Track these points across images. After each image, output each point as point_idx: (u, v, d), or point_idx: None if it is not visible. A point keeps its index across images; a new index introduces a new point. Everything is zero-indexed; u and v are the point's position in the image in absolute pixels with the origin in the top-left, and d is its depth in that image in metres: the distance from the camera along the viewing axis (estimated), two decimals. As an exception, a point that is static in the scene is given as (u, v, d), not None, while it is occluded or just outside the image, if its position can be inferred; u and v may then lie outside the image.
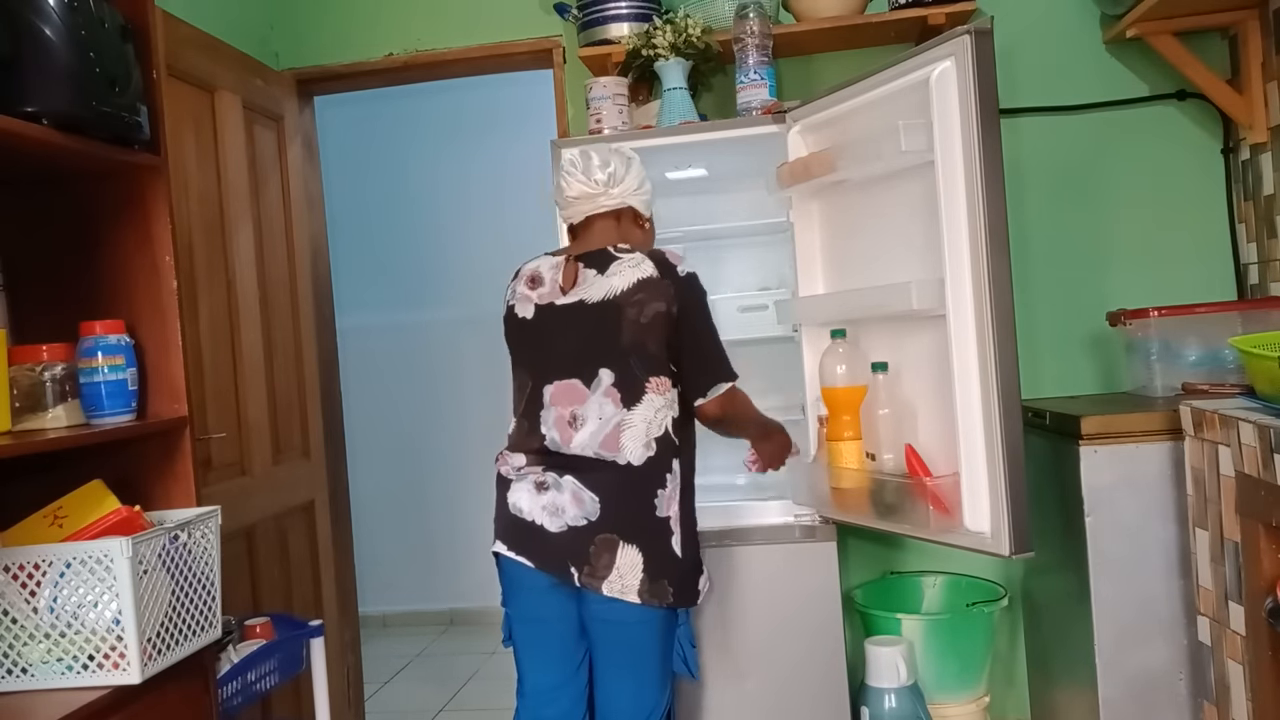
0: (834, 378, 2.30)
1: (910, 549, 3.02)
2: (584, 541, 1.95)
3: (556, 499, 1.98)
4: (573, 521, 1.96)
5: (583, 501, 1.96)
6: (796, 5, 2.86)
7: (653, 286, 1.98)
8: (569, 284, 2.04)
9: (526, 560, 1.99)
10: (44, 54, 1.66)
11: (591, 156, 2.08)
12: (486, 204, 4.91)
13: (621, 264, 2.01)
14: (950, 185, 2.03)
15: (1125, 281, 2.93)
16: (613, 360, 1.98)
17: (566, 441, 1.99)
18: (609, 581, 1.93)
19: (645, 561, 1.95)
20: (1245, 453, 1.86)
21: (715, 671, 2.52)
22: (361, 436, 4.55)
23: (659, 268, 2.00)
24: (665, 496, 1.99)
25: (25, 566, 1.66)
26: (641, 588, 1.94)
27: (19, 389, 1.78)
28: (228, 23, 3.06)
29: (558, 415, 2.01)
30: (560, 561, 1.96)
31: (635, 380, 1.98)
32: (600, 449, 1.97)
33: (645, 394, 1.98)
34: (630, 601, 1.94)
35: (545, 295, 2.06)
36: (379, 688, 4.11)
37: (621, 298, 1.98)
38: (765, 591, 2.51)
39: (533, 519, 1.99)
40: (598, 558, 1.94)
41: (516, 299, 2.10)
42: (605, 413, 1.97)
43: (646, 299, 1.97)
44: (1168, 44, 2.77)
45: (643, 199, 2.13)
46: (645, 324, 1.97)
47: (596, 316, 1.99)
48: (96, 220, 1.98)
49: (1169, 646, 2.33)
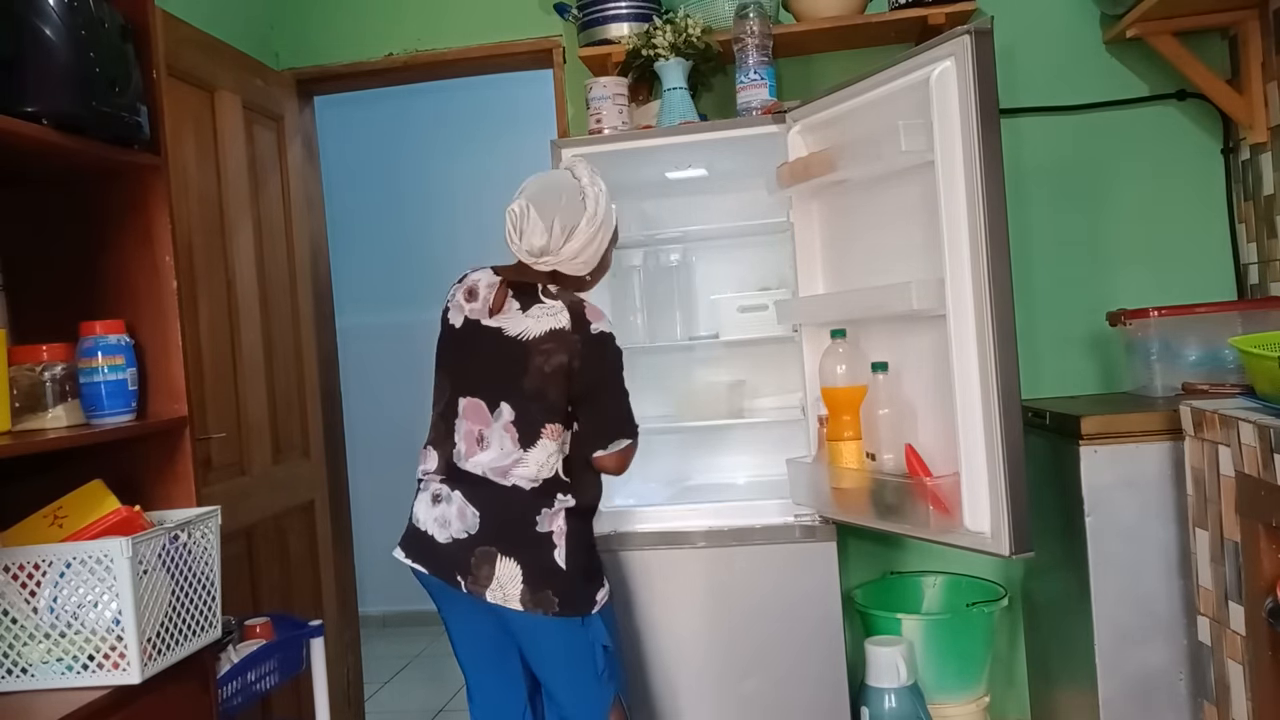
0: (834, 378, 2.30)
1: (910, 549, 3.02)
2: (466, 553, 2.03)
3: (445, 511, 2.07)
4: (456, 534, 2.05)
5: (465, 516, 2.05)
6: (796, 5, 2.86)
7: (561, 339, 2.02)
8: (497, 307, 2.10)
9: (420, 566, 2.09)
10: (44, 54, 1.66)
11: (536, 221, 2.01)
12: (486, 204, 4.84)
13: (542, 309, 2.06)
14: (950, 185, 2.03)
15: (1125, 281, 2.93)
16: (514, 398, 2.05)
17: (470, 455, 2.07)
18: (491, 590, 2.01)
19: (524, 572, 2.01)
20: (1245, 453, 1.86)
21: (716, 672, 2.52)
22: (361, 436, 4.54)
23: (573, 321, 2.03)
24: (548, 514, 2.05)
25: (25, 566, 1.66)
26: (523, 596, 2.00)
27: (19, 389, 1.77)
28: (228, 23, 3.06)
29: (468, 429, 2.09)
30: (448, 570, 2.05)
31: (533, 423, 2.04)
32: (494, 474, 2.05)
33: (540, 438, 2.04)
34: (514, 609, 2.01)
35: (475, 311, 2.12)
36: (379, 688, 4.11)
37: (532, 343, 2.04)
38: (765, 591, 2.51)
39: (425, 529, 2.09)
40: (479, 568, 2.02)
41: (452, 305, 2.17)
42: (505, 446, 2.05)
43: (554, 349, 2.02)
44: (1168, 44, 2.77)
45: (578, 265, 2.09)
46: (549, 373, 2.03)
47: (507, 351, 2.06)
48: (96, 220, 1.98)
49: (1169, 646, 2.33)
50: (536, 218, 2.02)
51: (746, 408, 2.89)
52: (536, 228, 2.02)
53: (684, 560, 2.53)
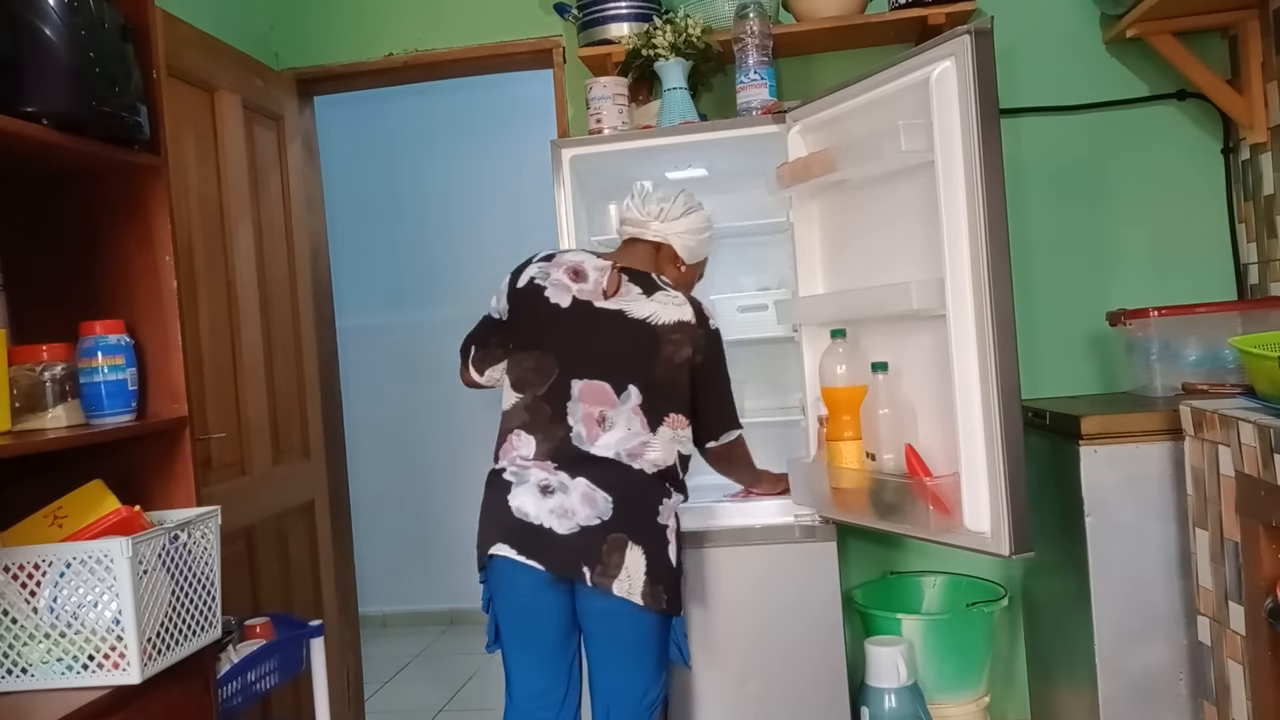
0: (834, 378, 2.30)
1: (910, 549, 3.02)
2: (596, 541, 1.98)
3: (564, 501, 2.00)
4: (584, 522, 1.98)
5: (595, 501, 1.99)
6: (796, 5, 2.86)
7: (688, 332, 2.08)
8: (612, 290, 2.09)
9: (536, 563, 1.99)
10: (44, 54, 1.66)
11: (654, 191, 2.20)
12: (486, 203, 4.91)
13: (667, 295, 2.11)
14: (950, 185, 2.03)
15: (1125, 281, 2.93)
16: (642, 383, 2.05)
17: (592, 440, 2.03)
18: (619, 580, 1.97)
19: (648, 564, 1.99)
20: (1245, 453, 1.86)
21: (716, 671, 2.52)
22: (361, 436, 4.54)
23: (695, 315, 2.10)
24: (668, 506, 2.06)
25: (25, 566, 1.66)
26: (644, 590, 1.99)
27: (19, 389, 1.77)
28: (228, 23, 3.06)
29: (585, 412, 2.04)
30: (572, 563, 1.98)
31: (658, 409, 2.06)
32: (624, 453, 2.03)
33: (662, 425, 2.06)
34: (634, 602, 1.98)
35: (585, 292, 2.10)
36: (379, 688, 4.11)
37: (662, 330, 2.06)
38: (765, 591, 2.51)
39: (540, 522, 1.99)
40: (609, 556, 1.97)
41: (550, 283, 2.11)
42: (634, 426, 2.04)
43: (681, 340, 2.07)
44: (1168, 44, 2.77)
45: (685, 243, 2.20)
46: (677, 364, 2.07)
47: (635, 333, 2.06)
48: (96, 220, 1.98)
49: (1169, 646, 2.33)
50: (660, 190, 2.19)
51: (747, 408, 2.89)
52: (656, 195, 2.17)
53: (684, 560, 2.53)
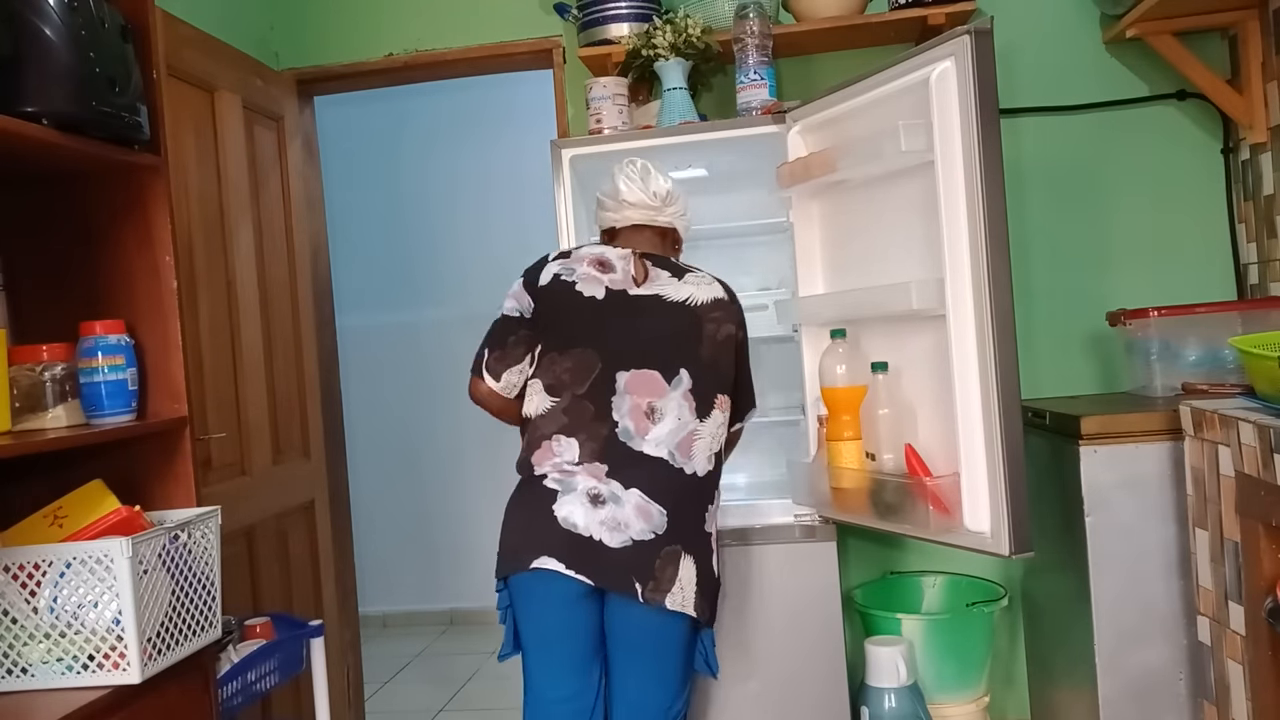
0: (834, 378, 2.30)
1: (910, 549, 3.02)
2: (650, 556, 1.89)
3: (617, 514, 1.90)
4: (638, 536, 1.89)
5: (649, 515, 1.91)
6: (796, 5, 2.86)
7: (725, 309, 2.05)
8: (641, 277, 2.04)
9: (585, 578, 1.88)
10: (44, 54, 1.66)
11: (651, 171, 2.12)
12: (487, 204, 4.91)
13: (697, 277, 2.07)
14: (950, 185, 2.03)
15: (1125, 281, 2.93)
16: (692, 365, 1.99)
17: (642, 433, 1.94)
18: (672, 595, 1.90)
19: (698, 576, 1.94)
20: (1245, 453, 1.86)
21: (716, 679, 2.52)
22: (361, 436, 4.55)
23: (727, 293, 2.08)
24: (712, 512, 2.02)
25: (25, 566, 1.66)
26: (697, 601, 1.93)
27: (19, 389, 1.77)
28: (228, 23, 3.06)
29: (634, 404, 1.95)
30: (623, 577, 1.89)
31: (708, 392, 2.01)
32: (675, 449, 1.95)
33: (713, 409, 2.01)
34: (688, 614, 1.92)
35: (617, 281, 2.02)
36: (379, 688, 4.11)
37: (701, 310, 2.02)
38: (765, 591, 2.51)
39: (590, 534, 1.88)
40: (663, 570, 1.90)
41: (579, 277, 2.01)
42: (684, 415, 1.97)
43: (722, 319, 2.03)
44: (1168, 44, 2.77)
45: (685, 224, 2.18)
46: (721, 342, 2.03)
47: (677, 317, 2.01)
48: (96, 220, 1.98)
49: (1169, 646, 2.33)
50: (652, 169, 2.11)
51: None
52: (657, 177, 2.10)
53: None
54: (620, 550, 1.89)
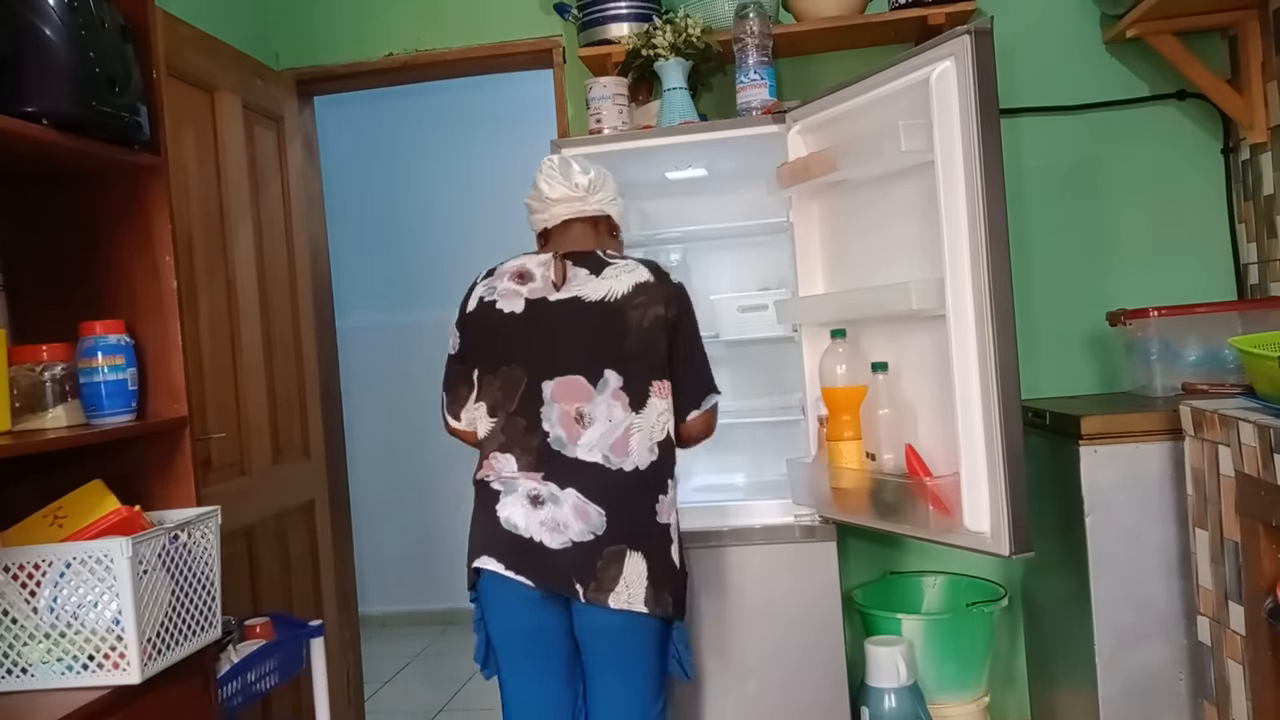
0: (834, 378, 2.31)
1: (910, 549, 3.02)
2: (590, 556, 1.89)
3: (556, 514, 1.91)
4: (577, 537, 1.90)
5: (588, 515, 1.90)
6: (796, 5, 2.86)
7: (650, 290, 1.99)
8: (560, 280, 2.01)
9: (525, 579, 1.90)
10: (44, 54, 1.66)
11: (571, 164, 2.09)
12: (487, 204, 4.90)
13: (616, 268, 2.02)
14: (950, 185, 2.03)
15: (1125, 281, 2.93)
16: (618, 362, 1.96)
17: (573, 439, 1.94)
18: (615, 594, 1.89)
19: (649, 570, 1.92)
20: (1245, 453, 1.86)
21: (715, 672, 2.52)
22: (361, 436, 4.55)
23: (654, 273, 2.02)
24: (665, 503, 1.98)
25: (25, 566, 1.66)
26: (647, 596, 1.91)
27: (19, 389, 1.77)
28: (227, 23, 3.06)
29: (562, 412, 1.95)
30: (564, 579, 1.90)
31: (641, 383, 1.97)
32: (609, 452, 1.94)
33: (650, 397, 1.97)
34: (637, 612, 1.91)
35: (536, 290, 2.01)
36: (379, 688, 4.11)
37: (623, 300, 1.97)
38: (765, 591, 2.51)
39: (530, 535, 1.91)
40: (604, 571, 1.89)
41: (499, 295, 2.03)
42: (614, 415, 1.95)
43: (647, 302, 1.98)
44: (1168, 44, 2.76)
45: (618, 209, 2.13)
46: (647, 327, 1.97)
47: (597, 316, 1.98)
48: (96, 220, 1.98)
49: (1169, 646, 2.33)
50: (573, 161, 2.09)
51: (747, 408, 2.89)
52: (577, 168, 2.07)
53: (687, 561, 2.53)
54: (560, 551, 1.90)
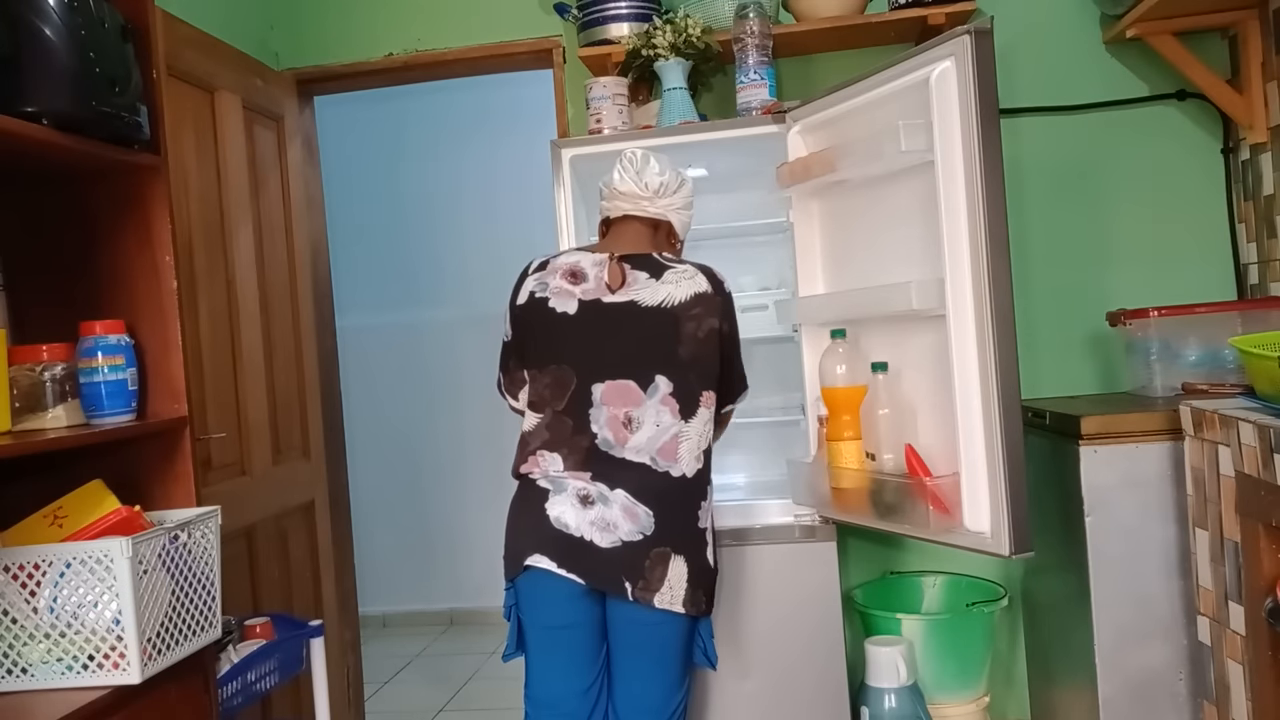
0: (834, 378, 2.30)
1: (910, 549, 3.02)
2: (639, 556, 1.93)
3: (606, 514, 1.94)
4: (627, 537, 1.93)
5: (636, 516, 1.94)
6: (796, 5, 2.86)
7: (708, 302, 2.01)
8: (616, 283, 2.01)
9: (576, 577, 1.93)
10: (44, 54, 1.66)
11: (651, 162, 2.08)
12: (487, 204, 4.91)
13: (676, 273, 2.03)
14: (950, 185, 2.03)
15: (1125, 281, 2.93)
16: (670, 369, 1.98)
17: (621, 442, 1.96)
18: (661, 594, 1.93)
19: (689, 572, 1.96)
20: (1245, 453, 1.86)
21: (716, 671, 2.52)
22: (361, 436, 4.55)
23: (711, 283, 2.04)
24: (705, 508, 2.02)
25: (25, 566, 1.66)
26: (686, 598, 1.96)
27: (19, 389, 1.78)
28: (228, 23, 3.06)
29: (610, 415, 1.97)
30: (613, 577, 1.93)
31: (692, 392, 1.99)
32: (657, 454, 1.97)
33: (699, 407, 2.00)
34: (677, 612, 1.95)
35: (590, 291, 2.01)
36: (379, 688, 4.11)
37: (679, 309, 1.99)
38: (765, 591, 2.51)
39: (581, 534, 1.93)
40: (652, 571, 1.93)
41: (551, 292, 2.02)
42: (663, 421, 1.97)
43: (703, 314, 2.00)
44: (1168, 44, 2.77)
45: (682, 219, 2.14)
46: (703, 338, 1.99)
47: (652, 321, 1.99)
48: (96, 220, 1.98)
49: (1169, 646, 2.33)
50: (653, 159, 2.08)
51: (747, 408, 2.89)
52: (654, 168, 2.06)
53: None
54: (610, 550, 1.93)
